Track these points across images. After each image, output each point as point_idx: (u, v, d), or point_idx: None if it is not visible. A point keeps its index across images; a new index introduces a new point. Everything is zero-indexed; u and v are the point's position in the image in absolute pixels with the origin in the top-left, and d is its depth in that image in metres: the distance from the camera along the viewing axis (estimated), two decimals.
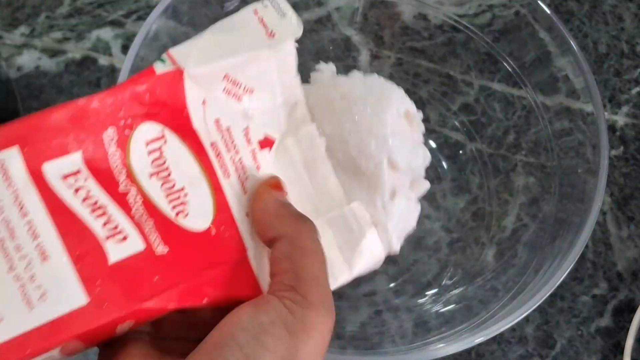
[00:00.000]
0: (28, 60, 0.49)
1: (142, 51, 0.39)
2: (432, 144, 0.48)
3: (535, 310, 0.35)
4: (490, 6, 0.45)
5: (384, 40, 0.49)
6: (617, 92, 0.51)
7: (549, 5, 0.47)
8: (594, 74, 0.42)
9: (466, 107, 0.47)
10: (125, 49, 0.50)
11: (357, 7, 0.48)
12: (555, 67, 0.42)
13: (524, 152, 0.45)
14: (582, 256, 0.45)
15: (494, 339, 0.43)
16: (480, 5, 0.45)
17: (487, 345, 0.43)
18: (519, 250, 0.42)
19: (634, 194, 0.48)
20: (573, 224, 0.38)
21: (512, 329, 0.43)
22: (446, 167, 0.47)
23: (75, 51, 0.50)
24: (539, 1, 0.41)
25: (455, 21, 0.46)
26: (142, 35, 0.39)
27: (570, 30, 0.51)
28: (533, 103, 0.43)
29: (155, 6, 0.40)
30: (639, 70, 0.52)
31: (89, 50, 0.50)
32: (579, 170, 0.40)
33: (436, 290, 0.42)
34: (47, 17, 0.51)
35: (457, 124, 0.47)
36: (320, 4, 0.48)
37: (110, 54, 0.50)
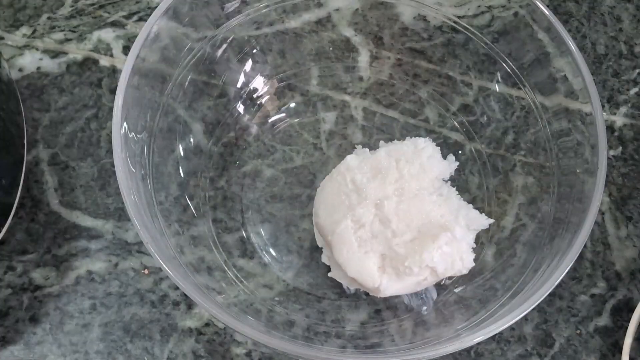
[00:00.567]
0: (29, 61, 0.50)
1: (143, 52, 0.39)
2: None
3: (534, 309, 0.35)
4: (489, 7, 0.45)
5: (384, 41, 0.49)
6: (615, 93, 0.51)
7: (548, 6, 0.47)
8: (592, 74, 0.42)
9: (465, 108, 0.47)
10: (126, 49, 0.50)
11: (357, 8, 0.48)
12: (554, 67, 0.42)
13: (522, 152, 0.45)
14: (581, 256, 0.45)
15: (493, 338, 0.43)
16: (479, 6, 0.45)
17: (486, 344, 0.43)
18: (518, 250, 0.42)
19: (633, 194, 0.48)
20: (572, 224, 0.38)
21: (511, 328, 0.44)
22: None
23: (76, 52, 0.50)
24: (537, 2, 0.41)
25: (455, 22, 0.46)
26: (143, 36, 0.39)
27: (569, 31, 0.52)
28: (532, 103, 0.44)
29: (156, 7, 0.40)
30: (637, 70, 0.52)
31: (90, 51, 0.50)
32: (578, 170, 0.40)
33: (436, 289, 0.42)
34: (48, 18, 0.51)
35: (456, 124, 0.47)
36: (320, 5, 0.48)
37: (111, 55, 0.50)
